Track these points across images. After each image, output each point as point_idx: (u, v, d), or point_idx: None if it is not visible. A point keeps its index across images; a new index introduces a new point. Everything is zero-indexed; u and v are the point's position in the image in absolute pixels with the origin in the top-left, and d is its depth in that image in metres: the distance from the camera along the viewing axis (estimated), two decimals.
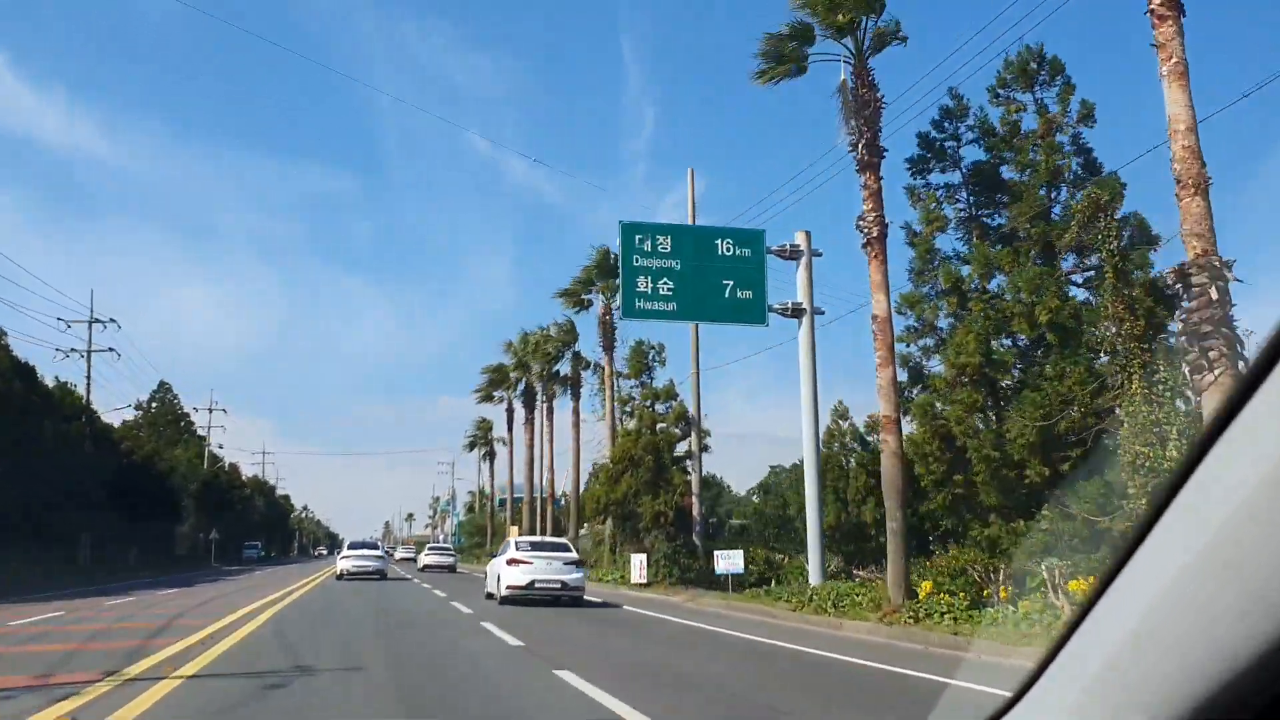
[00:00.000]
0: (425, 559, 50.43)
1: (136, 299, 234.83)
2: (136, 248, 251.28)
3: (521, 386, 50.88)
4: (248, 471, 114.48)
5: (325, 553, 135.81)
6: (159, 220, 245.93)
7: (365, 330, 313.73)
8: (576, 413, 39.19)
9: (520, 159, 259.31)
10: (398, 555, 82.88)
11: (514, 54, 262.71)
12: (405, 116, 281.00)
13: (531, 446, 49.90)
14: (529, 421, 50.15)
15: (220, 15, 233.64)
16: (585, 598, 21.66)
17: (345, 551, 38.69)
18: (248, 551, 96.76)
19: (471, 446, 69.13)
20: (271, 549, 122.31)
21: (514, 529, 50.05)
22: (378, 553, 38.33)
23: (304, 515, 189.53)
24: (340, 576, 35.62)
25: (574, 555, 21.86)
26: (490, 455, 67.21)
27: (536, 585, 20.04)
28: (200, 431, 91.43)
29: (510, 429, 56.50)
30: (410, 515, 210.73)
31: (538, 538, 28.80)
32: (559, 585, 20.28)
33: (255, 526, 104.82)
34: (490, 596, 22.14)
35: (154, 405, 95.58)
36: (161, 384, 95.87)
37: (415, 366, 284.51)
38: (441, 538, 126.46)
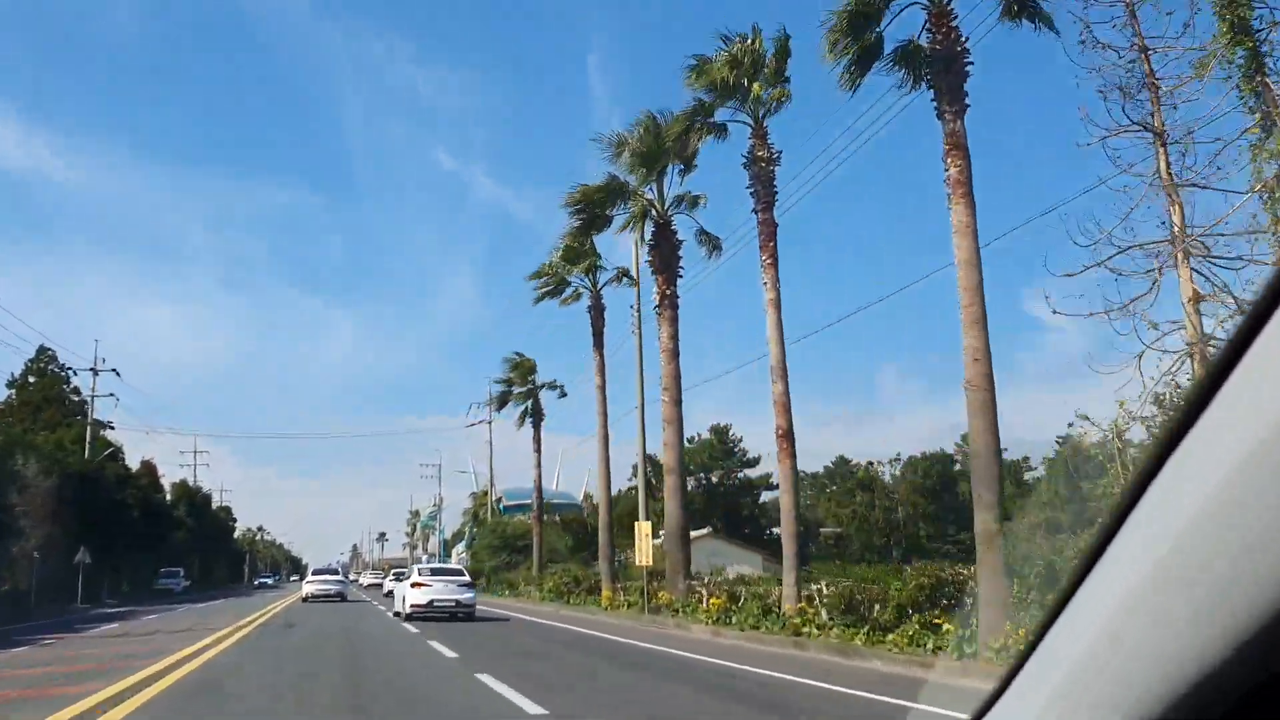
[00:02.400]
0: (390, 585, 49.96)
1: (96, 322, 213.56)
2: (96, 270, 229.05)
3: (648, 232, 24.46)
4: (176, 480, 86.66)
5: (271, 582, 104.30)
6: (119, 241, 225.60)
7: (331, 351, 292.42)
8: (962, 156, 12.75)
9: (487, 175, 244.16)
10: (364, 581, 79.83)
11: (481, 69, 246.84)
12: (372, 133, 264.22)
13: (675, 350, 23.52)
14: (666, 300, 23.74)
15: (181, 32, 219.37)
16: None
17: (309, 577, 42.59)
18: (165, 581, 69.06)
19: (502, 403, 41.91)
20: (213, 576, 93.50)
21: (644, 526, 23.63)
22: (338, 577, 42.99)
23: (259, 537, 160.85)
24: (306, 599, 37.57)
25: (467, 579, 26.19)
26: (534, 416, 40.39)
27: (435, 604, 23.61)
28: (109, 422, 63.76)
29: (599, 345, 29.85)
30: (382, 535, 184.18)
31: (437, 564, 34.56)
32: (454, 603, 23.79)
33: (180, 548, 76.21)
34: (397, 615, 25.18)
35: (31, 380, 67.86)
36: (42, 351, 67.83)
37: (383, 387, 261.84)
38: (425, 559, 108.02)
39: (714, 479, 79.64)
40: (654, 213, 24.27)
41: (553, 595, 34.08)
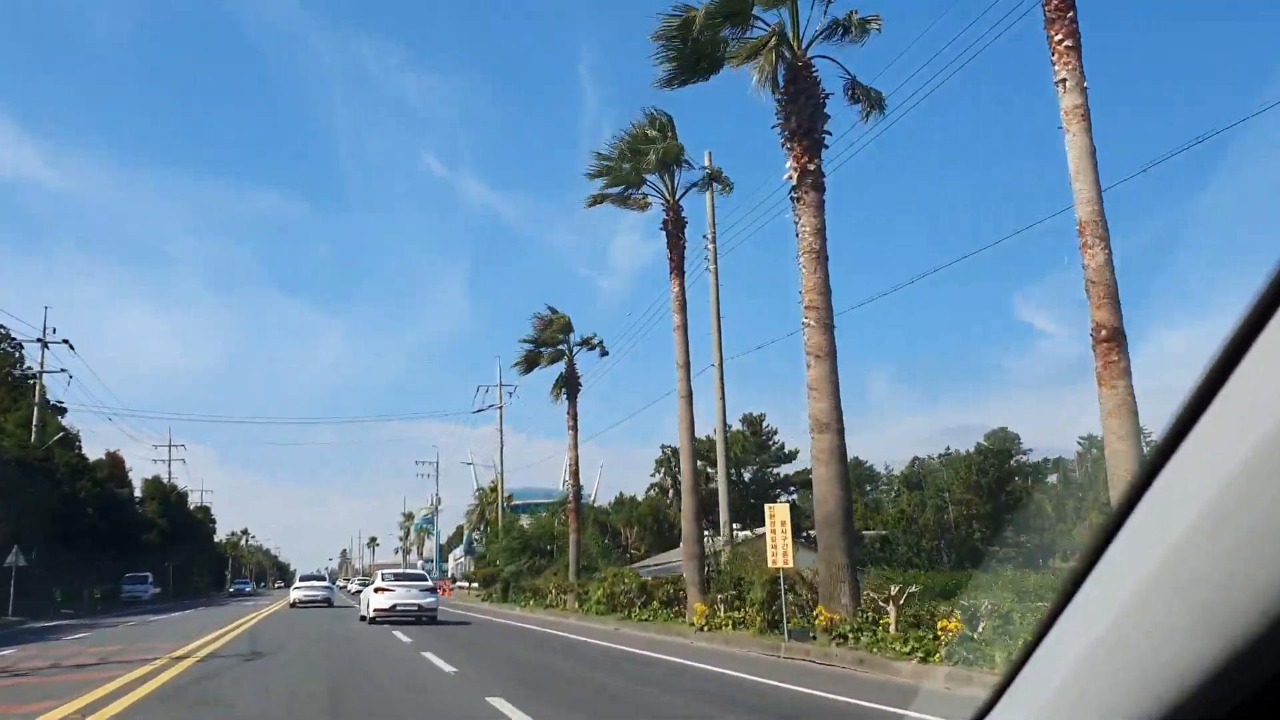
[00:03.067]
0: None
1: (95, 324, 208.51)
2: (84, 274, 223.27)
3: (779, 80, 16.73)
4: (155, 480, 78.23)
5: (247, 590, 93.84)
6: (107, 246, 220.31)
7: (322, 356, 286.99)
8: None
9: (477, 182, 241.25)
10: (353, 588, 78.57)
11: (470, 75, 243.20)
12: (361, 139, 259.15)
13: (823, 250, 15.78)
14: (807, 178, 16.03)
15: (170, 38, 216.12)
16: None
17: (297, 583, 44.91)
18: (131, 588, 60.84)
19: (529, 366, 33.60)
20: (191, 582, 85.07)
21: (779, 509, 15.89)
22: (325, 584, 44.80)
23: (243, 541, 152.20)
24: (293, 605, 38.84)
25: (429, 584, 27.34)
26: (569, 386, 32.55)
27: (398, 608, 24.72)
28: (61, 403, 55.43)
29: (678, 271, 22.16)
30: (373, 540, 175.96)
31: (400, 569, 32.72)
32: (416, 608, 25.06)
33: (151, 551, 67.73)
34: (363, 618, 26.43)
35: None
36: None
37: (377, 390, 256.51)
38: (419, 564, 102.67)
39: (745, 475, 71.77)
40: (787, 52, 16.51)
41: (603, 608, 26.28)
